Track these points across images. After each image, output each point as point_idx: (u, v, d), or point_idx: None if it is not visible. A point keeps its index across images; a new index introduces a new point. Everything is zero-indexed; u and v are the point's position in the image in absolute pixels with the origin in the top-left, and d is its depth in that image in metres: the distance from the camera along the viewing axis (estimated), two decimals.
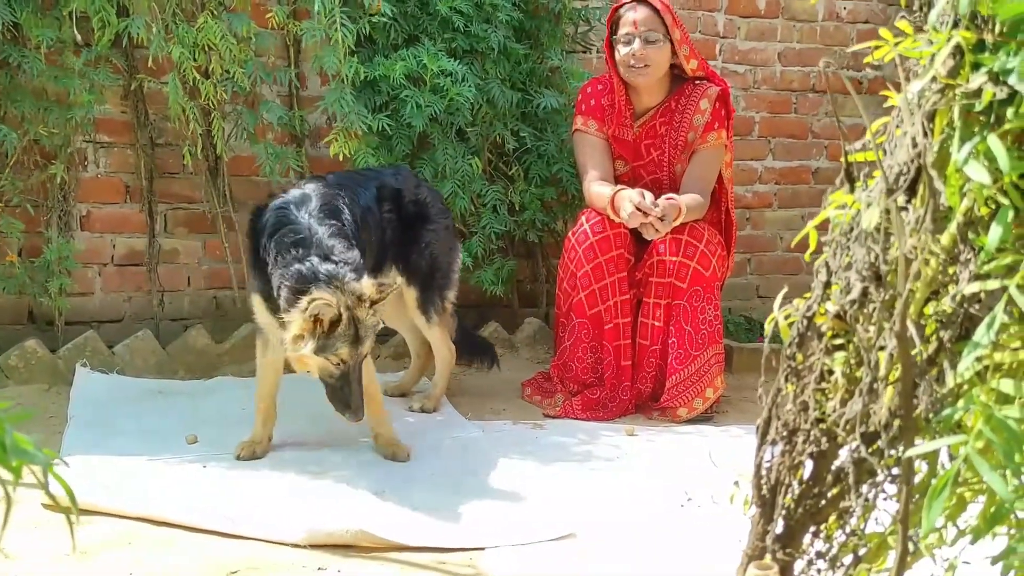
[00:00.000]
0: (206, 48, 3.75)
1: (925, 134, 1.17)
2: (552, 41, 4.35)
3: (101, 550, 2.31)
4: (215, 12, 3.77)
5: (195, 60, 3.73)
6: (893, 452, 1.19)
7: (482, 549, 2.39)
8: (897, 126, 1.24)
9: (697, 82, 3.75)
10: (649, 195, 3.48)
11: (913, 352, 1.17)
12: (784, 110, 5.22)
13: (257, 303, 2.92)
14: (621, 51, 3.65)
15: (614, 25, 3.70)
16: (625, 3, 3.67)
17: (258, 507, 2.56)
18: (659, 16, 3.62)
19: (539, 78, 4.34)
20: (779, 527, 1.28)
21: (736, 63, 5.08)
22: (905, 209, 1.18)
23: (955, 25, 1.18)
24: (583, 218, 3.67)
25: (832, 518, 1.27)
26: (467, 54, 4.13)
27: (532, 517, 2.57)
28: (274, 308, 2.77)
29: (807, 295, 1.29)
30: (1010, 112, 1.13)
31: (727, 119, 3.77)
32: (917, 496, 1.19)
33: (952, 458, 1.12)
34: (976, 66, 1.16)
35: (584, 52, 4.64)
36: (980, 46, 1.17)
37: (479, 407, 3.61)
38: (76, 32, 3.65)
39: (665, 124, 3.74)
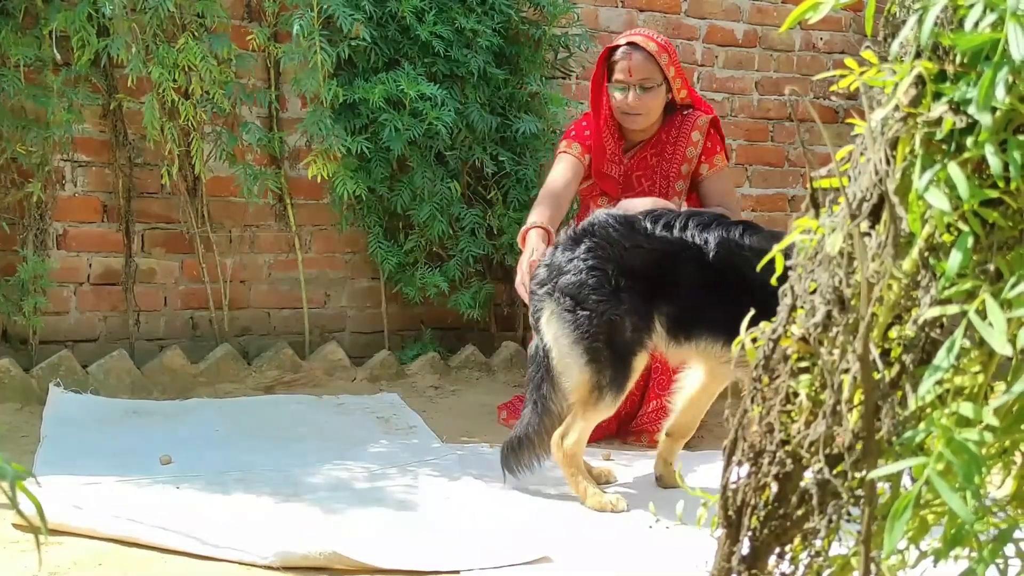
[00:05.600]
0: (186, 69, 3.76)
1: (887, 161, 1.19)
2: (532, 67, 4.39)
3: (70, 571, 2.30)
4: (196, 33, 3.79)
5: (175, 81, 3.75)
6: (857, 474, 1.20)
7: (457, 572, 2.39)
8: (861, 153, 1.26)
9: (685, 112, 3.66)
10: (540, 249, 3.10)
11: (876, 375, 1.19)
12: (761, 138, 5.28)
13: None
14: (616, 96, 3.53)
15: (608, 67, 3.57)
16: (620, 46, 3.55)
17: (231, 529, 2.55)
18: (654, 59, 3.50)
19: (518, 103, 4.38)
20: (745, 548, 1.29)
21: (714, 91, 5.13)
22: (868, 235, 1.20)
23: (917, 56, 1.21)
24: None
25: (797, 540, 1.28)
26: (447, 78, 4.17)
27: (507, 540, 2.57)
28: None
29: (773, 319, 1.31)
30: (970, 141, 1.15)
31: (722, 142, 3.72)
32: (880, 518, 1.20)
33: (914, 480, 1.14)
34: (937, 96, 1.19)
35: (564, 78, 4.68)
36: (941, 76, 1.19)
37: (453, 430, 3.61)
38: (56, 51, 3.65)
39: (656, 155, 3.66)
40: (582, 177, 3.62)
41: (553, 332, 2.87)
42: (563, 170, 3.55)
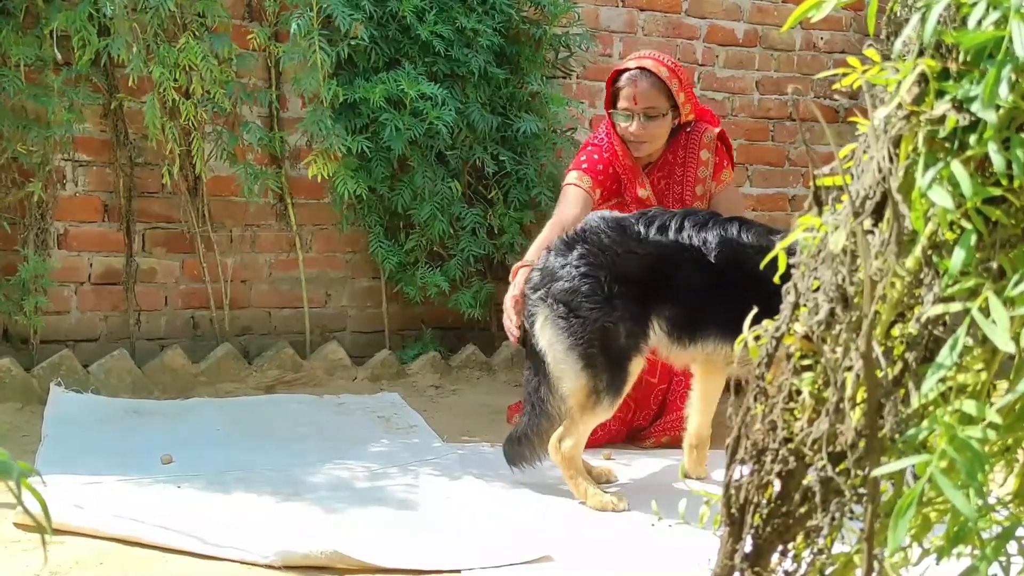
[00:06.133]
0: (187, 68, 3.76)
1: (891, 159, 1.19)
2: (532, 66, 4.39)
3: (72, 570, 2.29)
4: (197, 33, 3.79)
5: (176, 80, 3.75)
6: (859, 472, 1.20)
7: (458, 572, 2.38)
8: (864, 151, 1.26)
9: (688, 129, 3.46)
10: (519, 280, 3.00)
11: (879, 373, 1.19)
12: (762, 137, 5.28)
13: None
14: (620, 124, 3.36)
15: (613, 92, 3.40)
16: (629, 69, 3.36)
17: (232, 528, 2.55)
18: (663, 85, 3.31)
19: (519, 103, 4.38)
20: (748, 546, 1.29)
21: (714, 91, 5.13)
22: (871, 232, 1.21)
23: (920, 54, 1.21)
24: None
25: (800, 537, 1.28)
26: (448, 78, 4.17)
27: (508, 539, 2.57)
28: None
29: (776, 316, 1.31)
30: (973, 139, 1.15)
31: (729, 155, 3.56)
32: (883, 515, 1.21)
33: (917, 478, 1.14)
34: (940, 94, 1.18)
35: (564, 78, 4.68)
36: (944, 74, 1.19)
37: (454, 430, 3.61)
38: (56, 51, 3.65)
39: (665, 178, 3.48)
40: (591, 209, 3.34)
41: (547, 338, 2.86)
42: (572, 204, 3.32)
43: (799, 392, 1.26)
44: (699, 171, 3.45)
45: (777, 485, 1.27)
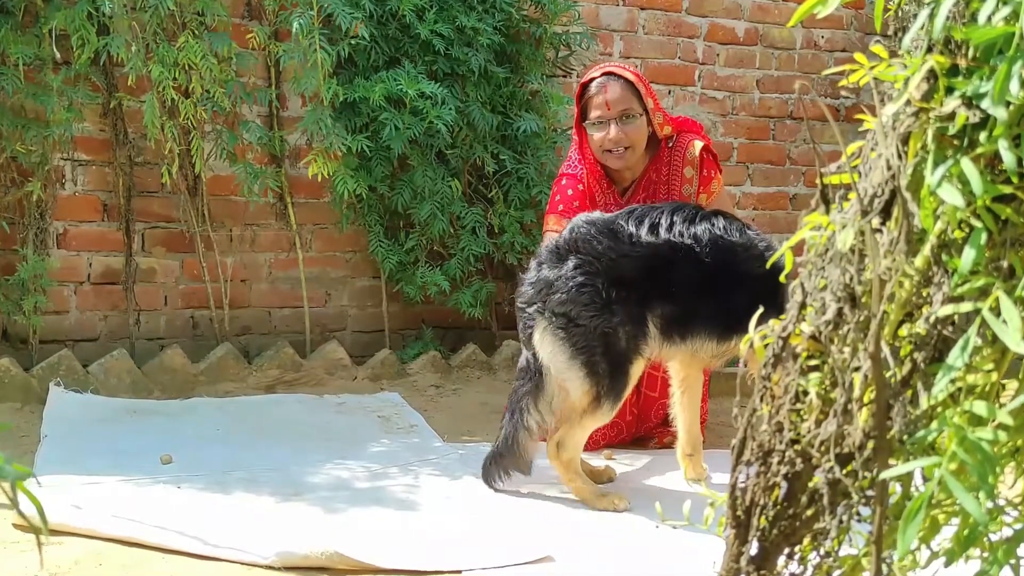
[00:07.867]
0: (186, 67, 3.75)
1: (899, 157, 1.18)
2: (533, 65, 4.38)
3: (71, 570, 2.28)
4: (196, 31, 3.78)
5: (175, 79, 3.74)
6: (867, 474, 1.18)
7: (459, 572, 2.37)
8: (872, 149, 1.25)
9: (671, 144, 3.33)
10: None
11: (887, 373, 1.17)
12: (762, 136, 5.27)
13: None
14: (595, 136, 3.24)
15: (583, 106, 3.28)
16: (594, 78, 3.26)
17: (232, 529, 2.54)
18: (632, 87, 3.22)
19: (519, 102, 4.37)
20: (753, 549, 1.28)
21: (715, 89, 5.12)
22: (879, 231, 1.19)
23: (929, 50, 1.20)
24: None
25: (807, 540, 1.26)
26: (448, 77, 4.16)
27: (509, 540, 2.56)
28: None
29: (783, 316, 1.29)
30: (983, 136, 1.14)
31: (717, 165, 3.40)
32: (891, 518, 1.19)
33: (926, 480, 1.12)
34: (949, 90, 1.17)
35: (565, 76, 4.67)
36: (954, 70, 1.18)
37: (454, 429, 3.60)
38: (55, 50, 3.64)
39: (650, 198, 3.31)
40: None
41: (548, 350, 2.84)
42: None
43: (806, 393, 1.25)
44: (683, 189, 3.33)
45: (783, 487, 1.26)
